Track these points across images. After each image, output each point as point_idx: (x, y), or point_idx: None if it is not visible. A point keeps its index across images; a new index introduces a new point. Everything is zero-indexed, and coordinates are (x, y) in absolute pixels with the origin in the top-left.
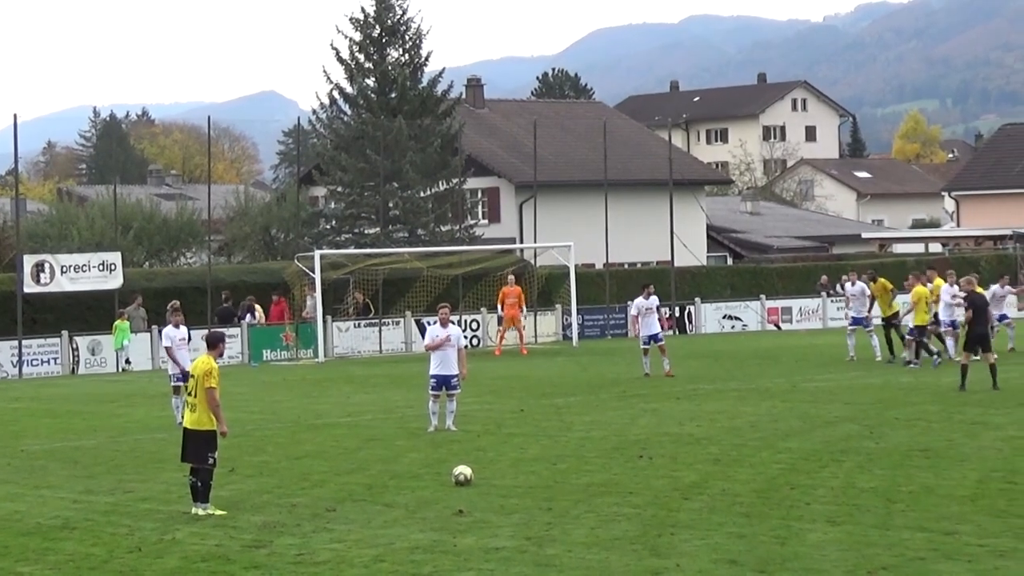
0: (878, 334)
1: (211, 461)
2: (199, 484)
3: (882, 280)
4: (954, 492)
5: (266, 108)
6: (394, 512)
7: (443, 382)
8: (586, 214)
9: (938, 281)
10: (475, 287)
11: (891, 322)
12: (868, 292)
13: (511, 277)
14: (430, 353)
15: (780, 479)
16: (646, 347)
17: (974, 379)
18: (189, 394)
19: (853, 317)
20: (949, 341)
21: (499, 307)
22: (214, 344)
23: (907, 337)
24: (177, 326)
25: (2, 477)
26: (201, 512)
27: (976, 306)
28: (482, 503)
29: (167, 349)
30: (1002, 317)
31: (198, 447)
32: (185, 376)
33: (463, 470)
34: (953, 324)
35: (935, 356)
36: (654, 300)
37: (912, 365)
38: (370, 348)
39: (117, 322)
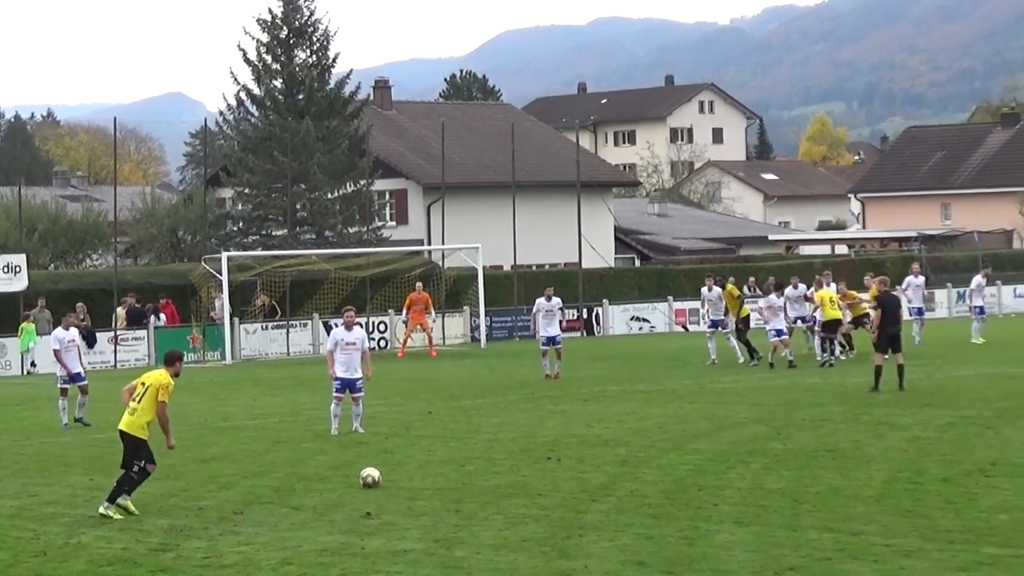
0: (735, 337)
1: (135, 468)
2: (119, 483)
3: (730, 287)
4: (860, 493)
5: (172, 109)
6: (302, 515)
7: (347, 385)
8: (494, 216)
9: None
10: (383, 289)
11: (742, 326)
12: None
13: (419, 284)
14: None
15: (688, 480)
16: (545, 348)
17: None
18: (133, 399)
19: (711, 320)
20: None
21: (404, 312)
22: (171, 361)
23: (819, 334)
24: (67, 328)
25: None
26: (102, 510)
27: (886, 306)
28: (390, 505)
29: (55, 352)
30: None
31: (134, 452)
32: (73, 377)
33: (371, 472)
34: (802, 319)
35: (754, 360)
36: (556, 302)
37: (829, 362)
38: (277, 350)
39: (23, 324)
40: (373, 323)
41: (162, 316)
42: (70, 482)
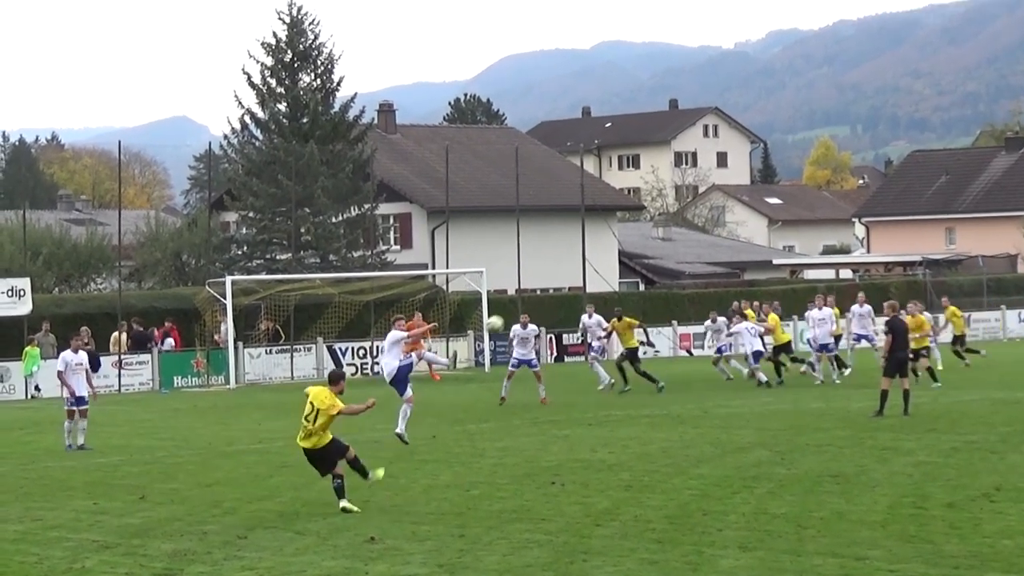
0: (617, 364)
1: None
2: (338, 483)
3: (627, 319)
4: (865, 517)
5: (177, 133)
6: (306, 539)
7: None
8: (498, 240)
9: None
10: (387, 313)
11: (630, 356)
12: (605, 325)
13: (418, 315)
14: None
15: (692, 505)
16: (513, 369)
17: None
18: (307, 420)
19: (597, 346)
20: (733, 362)
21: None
22: (335, 380)
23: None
24: (76, 351)
25: None
26: (348, 505)
27: (896, 331)
28: (394, 530)
29: (59, 373)
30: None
31: (329, 458)
32: (77, 400)
33: (494, 321)
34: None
35: (659, 384)
36: (532, 329)
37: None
38: (281, 374)
39: (28, 348)
40: (378, 347)
41: (168, 340)
42: (74, 506)
